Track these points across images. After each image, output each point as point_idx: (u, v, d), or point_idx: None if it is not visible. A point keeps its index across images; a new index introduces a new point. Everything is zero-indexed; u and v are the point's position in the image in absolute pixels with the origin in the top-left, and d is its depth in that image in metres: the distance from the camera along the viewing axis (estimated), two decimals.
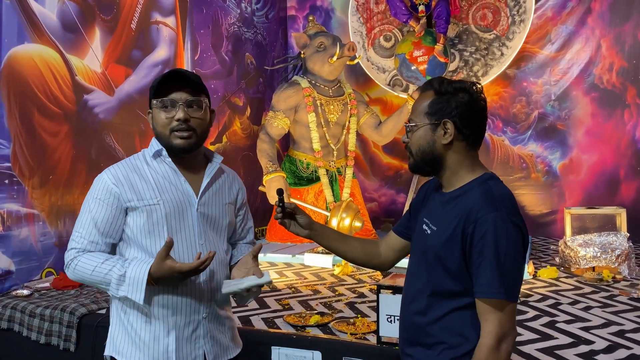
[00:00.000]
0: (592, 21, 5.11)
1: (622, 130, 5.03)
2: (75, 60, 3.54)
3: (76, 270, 1.49)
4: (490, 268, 1.26)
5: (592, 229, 3.73)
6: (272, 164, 4.44)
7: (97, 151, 3.69)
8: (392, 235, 1.69)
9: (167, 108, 1.52)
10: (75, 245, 1.51)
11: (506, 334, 1.28)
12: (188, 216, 1.57)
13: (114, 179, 1.52)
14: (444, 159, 1.40)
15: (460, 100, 1.37)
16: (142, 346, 1.52)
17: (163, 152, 1.57)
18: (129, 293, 1.44)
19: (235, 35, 5.26)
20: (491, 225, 1.27)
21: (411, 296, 1.46)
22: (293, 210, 1.62)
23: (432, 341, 1.38)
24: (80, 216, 1.55)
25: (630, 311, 2.64)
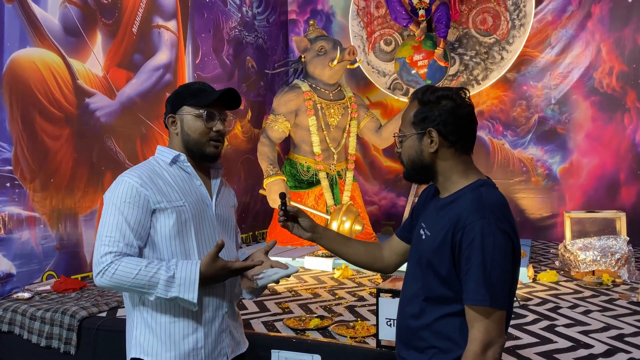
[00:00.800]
0: (592, 25, 5.13)
1: (622, 134, 5.04)
2: (77, 64, 3.56)
3: (115, 275, 1.43)
4: (476, 275, 1.28)
5: (592, 233, 3.74)
6: (273, 167, 4.46)
7: (98, 155, 3.71)
8: (394, 239, 1.72)
9: (208, 119, 1.61)
10: (111, 249, 1.46)
11: (492, 341, 1.28)
12: (207, 217, 1.64)
13: (141, 180, 1.53)
14: (434, 167, 1.43)
15: (443, 107, 1.39)
16: (171, 345, 1.54)
17: (181, 157, 1.63)
18: (181, 293, 1.45)
19: (236, 39, 5.28)
20: (478, 233, 1.28)
21: (407, 299, 1.48)
22: (296, 213, 1.67)
23: (424, 345, 1.40)
24: (107, 221, 1.50)
25: (630, 315, 2.64)
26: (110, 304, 2.91)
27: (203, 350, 1.57)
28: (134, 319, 1.59)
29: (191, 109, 1.62)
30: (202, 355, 1.57)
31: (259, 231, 5.53)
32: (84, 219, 3.62)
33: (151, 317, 1.55)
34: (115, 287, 1.46)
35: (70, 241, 3.53)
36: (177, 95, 1.67)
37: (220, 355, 1.62)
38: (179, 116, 1.64)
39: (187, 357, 1.55)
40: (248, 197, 5.43)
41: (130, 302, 1.60)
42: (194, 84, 1.68)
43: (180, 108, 1.64)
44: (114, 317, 2.75)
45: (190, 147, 1.64)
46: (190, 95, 1.63)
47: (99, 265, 1.45)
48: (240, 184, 5.30)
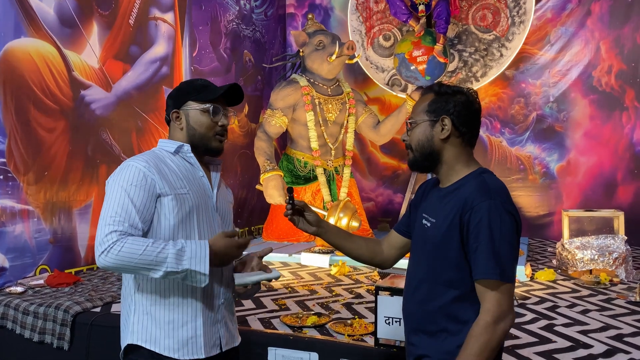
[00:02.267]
0: (591, 23, 5.11)
1: (620, 133, 5.03)
2: (73, 56, 3.50)
3: (121, 253, 1.39)
4: (485, 251, 1.34)
5: (590, 232, 3.72)
6: (270, 162, 4.42)
7: (93, 148, 3.66)
8: (393, 234, 1.76)
9: (214, 114, 1.63)
10: (116, 228, 1.43)
11: (504, 314, 1.34)
12: (209, 208, 1.65)
13: (147, 165, 1.53)
14: (441, 154, 1.50)
15: (458, 100, 1.48)
16: (170, 331, 1.54)
17: (184, 147, 1.64)
18: (193, 265, 1.43)
19: (234, 33, 5.23)
20: (485, 212, 1.35)
21: (414, 286, 1.52)
22: (302, 208, 1.70)
23: (435, 329, 1.45)
24: (112, 201, 1.48)
25: (628, 315, 2.63)
26: (105, 299, 2.88)
27: (202, 339, 1.57)
28: (132, 305, 1.57)
29: (197, 104, 1.64)
30: (200, 343, 1.57)
31: (255, 226, 5.50)
32: (79, 213, 3.58)
33: (151, 303, 1.54)
34: (119, 267, 1.42)
35: (64, 235, 3.49)
36: (180, 90, 1.68)
37: (215, 345, 1.62)
38: (183, 111, 1.65)
39: (185, 344, 1.55)
40: (244, 192, 5.39)
41: (129, 287, 1.59)
42: (196, 80, 1.72)
43: (185, 103, 1.65)
44: (108, 312, 2.72)
45: (195, 142, 1.65)
46: (195, 90, 1.65)
47: (103, 244, 1.41)
48: (236, 179, 5.27)
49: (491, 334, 1.32)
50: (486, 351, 1.32)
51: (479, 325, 1.34)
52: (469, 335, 1.35)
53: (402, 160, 5.85)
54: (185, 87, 1.68)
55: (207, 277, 1.46)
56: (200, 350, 1.56)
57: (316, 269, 3.81)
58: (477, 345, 1.32)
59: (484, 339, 1.32)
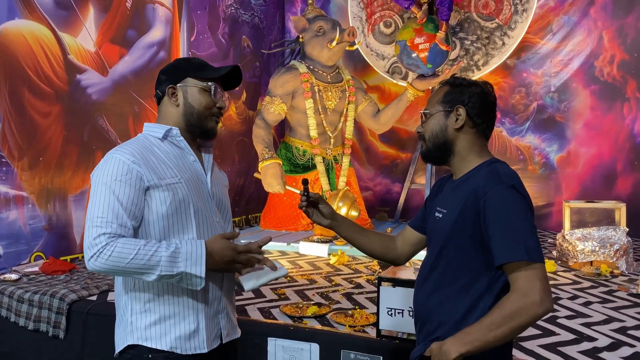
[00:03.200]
0: (594, 12, 5.05)
1: (620, 124, 5.00)
2: (68, 39, 3.42)
3: (111, 258, 1.33)
4: (505, 234, 1.30)
5: (591, 223, 3.70)
6: (268, 150, 4.36)
7: (89, 133, 3.59)
8: (408, 229, 1.73)
9: (213, 93, 1.57)
10: (105, 231, 1.35)
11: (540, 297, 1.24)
12: (204, 194, 1.58)
13: (133, 157, 1.44)
14: (454, 144, 1.49)
15: (473, 91, 1.49)
16: (170, 327, 1.47)
17: (173, 131, 1.55)
18: (188, 267, 1.36)
19: (232, 18, 5.14)
20: (498, 196, 1.33)
21: (424, 276, 1.50)
22: (317, 200, 1.67)
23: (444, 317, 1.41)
24: (97, 201, 1.40)
25: (630, 307, 2.61)
26: (101, 287, 2.84)
27: (203, 332, 1.51)
28: (128, 304, 1.50)
29: (197, 81, 1.56)
30: (203, 337, 1.50)
31: (252, 215, 5.46)
32: (74, 199, 3.52)
33: (148, 300, 1.47)
34: (110, 271, 1.36)
35: (60, 221, 3.43)
36: (177, 66, 1.60)
37: (216, 337, 1.56)
38: (181, 88, 1.56)
39: (187, 339, 1.48)
40: (242, 180, 5.34)
41: (123, 286, 1.51)
42: (193, 59, 1.64)
43: (183, 80, 1.56)
44: (104, 300, 2.68)
45: (192, 121, 1.57)
46: (194, 68, 1.58)
47: (92, 248, 1.34)
48: (234, 167, 5.21)
49: (518, 310, 1.23)
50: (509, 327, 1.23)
51: (509, 299, 1.27)
52: (496, 306, 1.29)
53: (401, 150, 5.81)
54: (182, 64, 1.61)
55: (203, 280, 1.39)
56: (203, 343, 1.50)
57: (315, 258, 3.78)
58: (499, 317, 1.25)
59: (510, 310, 1.24)
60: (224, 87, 1.64)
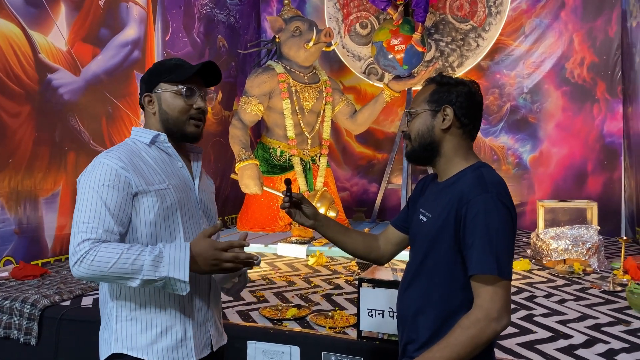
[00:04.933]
0: (565, 15, 5.16)
1: (590, 125, 5.12)
2: (39, 37, 3.34)
3: (94, 263, 1.29)
4: (482, 245, 1.29)
5: (563, 222, 3.77)
6: (245, 151, 4.33)
7: (61, 134, 3.51)
8: (390, 229, 1.71)
9: (188, 96, 1.51)
10: (89, 236, 1.32)
11: (498, 313, 1.27)
12: (192, 201, 1.54)
13: (121, 162, 1.40)
14: (441, 145, 1.46)
15: (461, 90, 1.45)
16: (157, 336, 1.43)
17: (160, 137, 1.51)
18: (171, 272, 1.32)
19: (208, 17, 5.09)
20: (482, 206, 1.31)
21: (408, 281, 1.49)
22: (300, 200, 1.64)
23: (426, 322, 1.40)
24: (83, 206, 1.36)
25: (603, 304, 2.66)
26: (75, 292, 2.77)
27: (192, 341, 1.47)
28: (113, 311, 1.45)
29: (169, 85, 1.51)
30: (191, 346, 1.46)
31: (228, 216, 5.41)
32: (45, 202, 3.43)
33: (135, 307, 1.43)
34: (94, 277, 1.32)
35: (30, 225, 3.34)
36: (151, 72, 1.55)
37: (205, 346, 1.52)
38: (155, 94, 1.52)
39: (175, 348, 1.44)
40: (218, 181, 5.29)
41: (108, 293, 1.47)
42: (169, 60, 1.57)
43: (157, 85, 1.52)
44: (78, 305, 2.61)
45: (169, 127, 1.52)
46: (167, 71, 1.52)
47: (76, 255, 1.31)
48: (210, 168, 5.15)
49: (480, 330, 1.26)
50: (470, 346, 1.26)
51: (469, 318, 1.28)
52: (457, 325, 1.30)
53: (378, 150, 5.83)
54: (157, 68, 1.55)
55: (187, 285, 1.34)
56: (191, 352, 1.46)
57: (293, 259, 3.76)
58: (462, 336, 1.27)
59: (471, 333, 1.26)
60: (206, 84, 1.58)
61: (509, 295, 1.30)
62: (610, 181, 5.05)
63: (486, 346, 1.30)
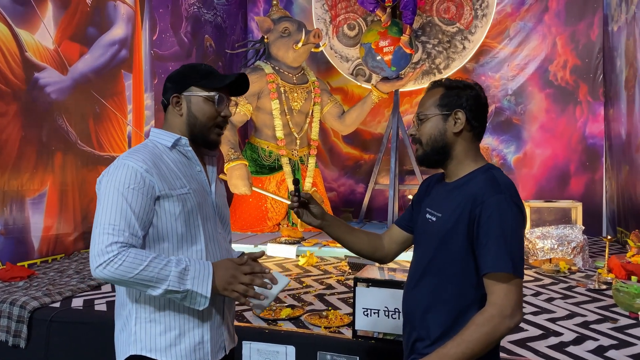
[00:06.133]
0: (548, 19, 5.25)
1: (573, 127, 5.22)
2: (26, 35, 3.29)
3: (121, 267, 1.30)
4: (496, 245, 1.31)
5: (549, 222, 3.84)
6: (234, 151, 4.32)
7: (48, 133, 3.46)
8: (394, 228, 1.73)
9: (219, 103, 1.53)
10: (117, 239, 1.32)
11: (512, 310, 1.30)
12: (209, 205, 1.55)
13: (145, 165, 1.41)
14: (453, 148, 1.48)
15: (470, 94, 1.48)
16: (176, 338, 1.44)
17: (182, 140, 1.52)
18: (195, 286, 1.35)
19: (195, 17, 5.06)
20: (496, 207, 1.33)
21: (416, 280, 1.50)
22: (307, 200, 1.64)
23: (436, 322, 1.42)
24: (109, 207, 1.36)
25: (590, 302, 2.72)
26: (64, 293, 2.74)
27: (209, 344, 1.48)
28: (132, 312, 1.45)
29: (201, 90, 1.52)
30: (208, 349, 1.47)
31: None
32: (32, 202, 3.38)
33: (153, 310, 1.44)
34: (116, 280, 1.33)
35: (17, 226, 3.29)
36: (182, 74, 1.56)
37: (220, 349, 1.54)
38: (185, 97, 1.53)
39: (193, 351, 1.45)
40: None
41: (127, 295, 1.47)
42: (200, 65, 1.59)
43: (188, 88, 1.53)
44: (68, 307, 2.58)
45: (195, 131, 1.53)
46: (199, 75, 1.54)
47: (103, 256, 1.31)
48: None
49: (494, 327, 1.29)
50: (484, 343, 1.29)
51: (484, 315, 1.31)
52: (471, 322, 1.32)
53: (365, 151, 5.86)
54: (188, 71, 1.56)
55: (207, 300, 1.36)
56: (208, 356, 1.47)
57: (283, 259, 3.76)
58: (476, 333, 1.29)
59: (485, 329, 1.29)
60: (231, 93, 1.60)
61: (521, 293, 1.33)
62: (592, 182, 5.16)
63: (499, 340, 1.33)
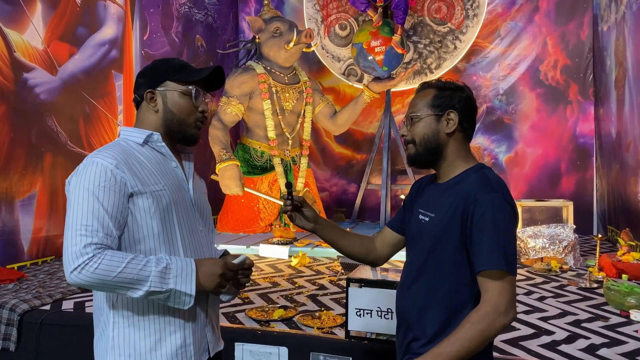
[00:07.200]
0: (539, 19, 5.28)
1: (564, 126, 5.25)
2: (14, 35, 3.25)
3: (98, 271, 1.23)
4: (490, 242, 1.32)
5: (540, 221, 3.86)
6: (226, 151, 4.30)
7: (37, 134, 3.43)
8: (386, 230, 1.72)
9: (196, 97, 1.48)
10: (92, 240, 1.25)
11: (506, 306, 1.30)
12: (187, 202, 1.49)
13: (115, 161, 1.34)
14: (445, 149, 1.49)
15: (461, 95, 1.49)
16: (157, 343, 1.38)
17: (154, 136, 1.46)
18: (179, 285, 1.29)
19: (186, 16, 5.04)
20: (489, 205, 1.34)
21: (410, 280, 1.50)
22: (300, 204, 1.63)
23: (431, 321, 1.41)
24: (80, 208, 1.29)
25: (581, 301, 2.74)
26: (54, 295, 2.71)
27: (192, 347, 1.42)
28: (110, 318, 1.38)
29: (177, 84, 1.47)
30: (191, 352, 1.42)
31: None
32: (21, 204, 3.35)
33: (134, 313, 1.37)
34: (95, 285, 1.26)
35: (6, 228, 3.26)
36: (154, 69, 1.50)
37: (204, 351, 1.49)
38: (160, 92, 1.47)
39: (175, 355, 1.39)
40: None
41: (105, 300, 1.41)
42: (172, 59, 1.53)
43: (163, 83, 1.47)
44: (59, 310, 2.56)
45: (172, 127, 1.48)
46: (175, 70, 1.48)
47: (78, 259, 1.23)
48: None
49: (489, 324, 1.29)
50: (479, 340, 1.29)
51: (478, 313, 1.31)
52: (466, 319, 1.32)
53: (357, 151, 5.86)
54: (161, 65, 1.50)
55: (192, 299, 1.32)
56: (191, 359, 1.42)
57: (275, 260, 3.75)
58: (471, 331, 1.29)
59: (480, 327, 1.29)
60: (207, 88, 1.55)
61: (515, 290, 1.34)
62: (583, 181, 5.19)
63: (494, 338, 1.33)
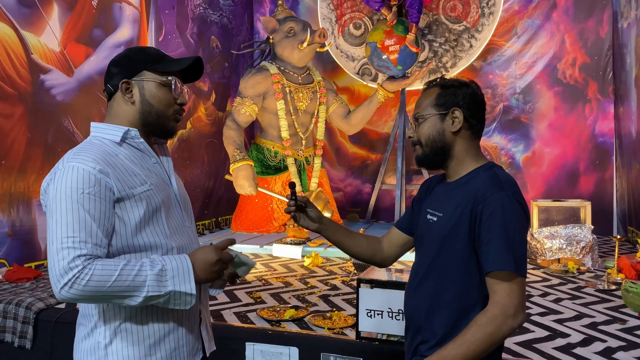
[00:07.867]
0: (557, 16, 5.19)
1: (582, 125, 5.16)
2: (31, 38, 3.30)
3: (90, 284, 1.15)
4: (499, 243, 1.29)
5: (557, 221, 3.80)
6: (240, 152, 4.32)
7: (54, 135, 3.48)
8: (394, 231, 1.70)
9: (173, 89, 1.40)
10: (80, 252, 1.17)
11: (515, 309, 1.27)
12: (172, 198, 1.43)
13: (98, 165, 1.25)
14: (452, 148, 1.46)
15: (466, 92, 1.46)
16: (149, 348, 1.32)
17: (131, 132, 1.36)
18: (177, 285, 1.23)
19: (201, 17, 5.07)
20: (499, 204, 1.31)
21: (418, 280, 1.48)
22: (304, 204, 1.62)
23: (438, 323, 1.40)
24: (64, 218, 1.20)
25: (599, 303, 2.68)
26: None
27: (184, 348, 1.38)
28: (100, 325, 1.31)
29: (155, 75, 1.38)
30: (184, 354, 1.39)
31: (222, 217, 5.39)
32: (38, 204, 3.40)
33: (125, 318, 1.30)
34: (88, 298, 1.18)
35: (24, 227, 3.31)
36: (130, 58, 1.40)
37: (198, 350, 1.46)
38: (137, 82, 1.37)
39: (168, 358, 1.35)
40: (212, 182, 5.27)
41: (92, 306, 1.32)
42: (149, 48, 1.45)
43: (139, 73, 1.37)
44: (73, 308, 2.59)
45: (150, 120, 1.39)
46: (152, 59, 1.39)
47: (67, 274, 1.15)
48: (203, 169, 5.13)
49: (497, 327, 1.26)
50: (486, 343, 1.26)
51: (486, 315, 1.28)
52: (473, 321, 1.29)
53: (371, 151, 5.84)
54: (137, 54, 1.40)
55: (193, 297, 1.25)
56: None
57: (288, 260, 3.75)
58: (478, 333, 1.26)
59: (488, 330, 1.26)
60: (185, 80, 1.47)
61: (524, 292, 1.31)
62: (602, 180, 5.09)
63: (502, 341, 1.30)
